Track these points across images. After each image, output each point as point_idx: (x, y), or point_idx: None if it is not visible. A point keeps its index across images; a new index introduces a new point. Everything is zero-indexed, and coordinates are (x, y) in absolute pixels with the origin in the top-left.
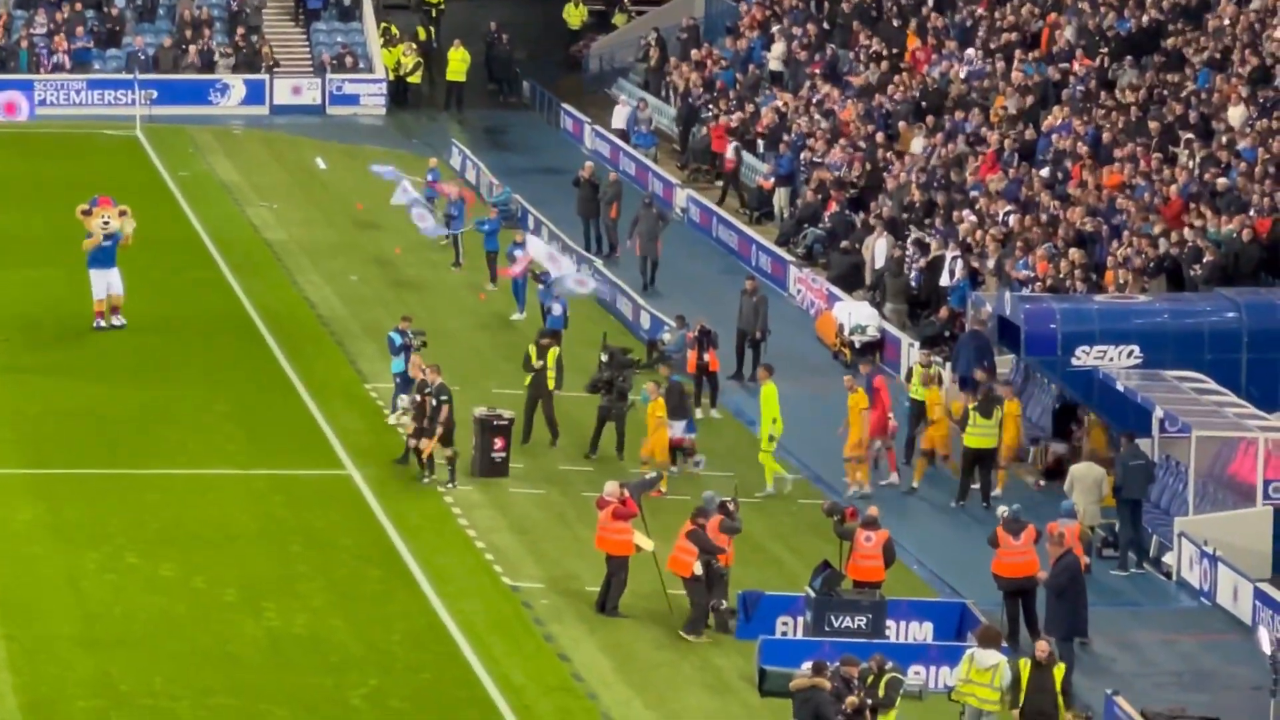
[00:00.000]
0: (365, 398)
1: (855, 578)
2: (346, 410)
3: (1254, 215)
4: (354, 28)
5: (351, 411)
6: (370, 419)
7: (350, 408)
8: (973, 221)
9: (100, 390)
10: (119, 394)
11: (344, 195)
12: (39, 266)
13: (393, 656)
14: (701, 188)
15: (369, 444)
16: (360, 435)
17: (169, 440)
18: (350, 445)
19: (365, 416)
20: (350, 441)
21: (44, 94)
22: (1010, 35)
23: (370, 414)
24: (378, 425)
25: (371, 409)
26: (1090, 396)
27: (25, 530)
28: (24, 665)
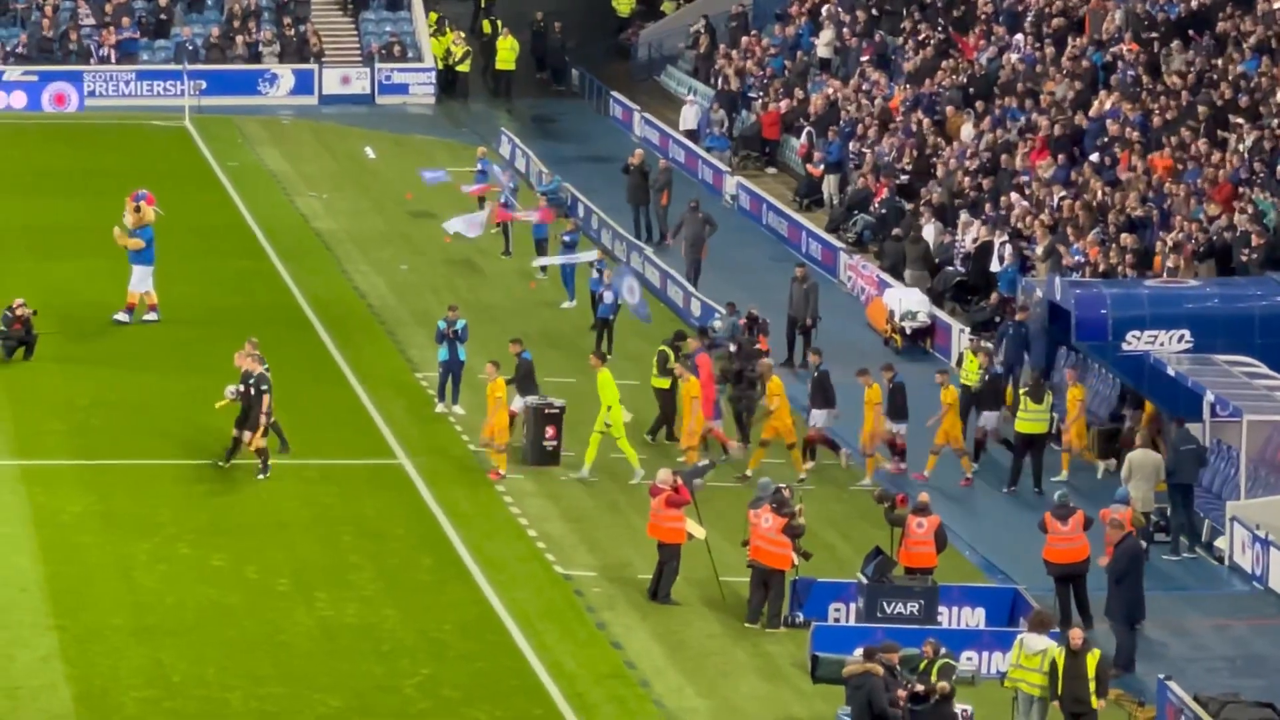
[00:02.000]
0: (415, 386)
1: (907, 564)
2: (396, 399)
3: None
4: (403, 17)
5: (402, 400)
6: (421, 408)
7: (400, 396)
8: (1023, 207)
9: (149, 380)
10: (168, 384)
11: (393, 185)
12: (87, 257)
13: (445, 645)
14: (751, 174)
15: (419, 433)
16: (410, 424)
17: (219, 430)
18: (401, 434)
19: (415, 405)
20: (401, 430)
21: (93, 85)
22: (1059, 20)
23: (421, 403)
24: (428, 414)
25: (422, 398)
26: (1141, 381)
27: (76, 521)
28: (76, 656)
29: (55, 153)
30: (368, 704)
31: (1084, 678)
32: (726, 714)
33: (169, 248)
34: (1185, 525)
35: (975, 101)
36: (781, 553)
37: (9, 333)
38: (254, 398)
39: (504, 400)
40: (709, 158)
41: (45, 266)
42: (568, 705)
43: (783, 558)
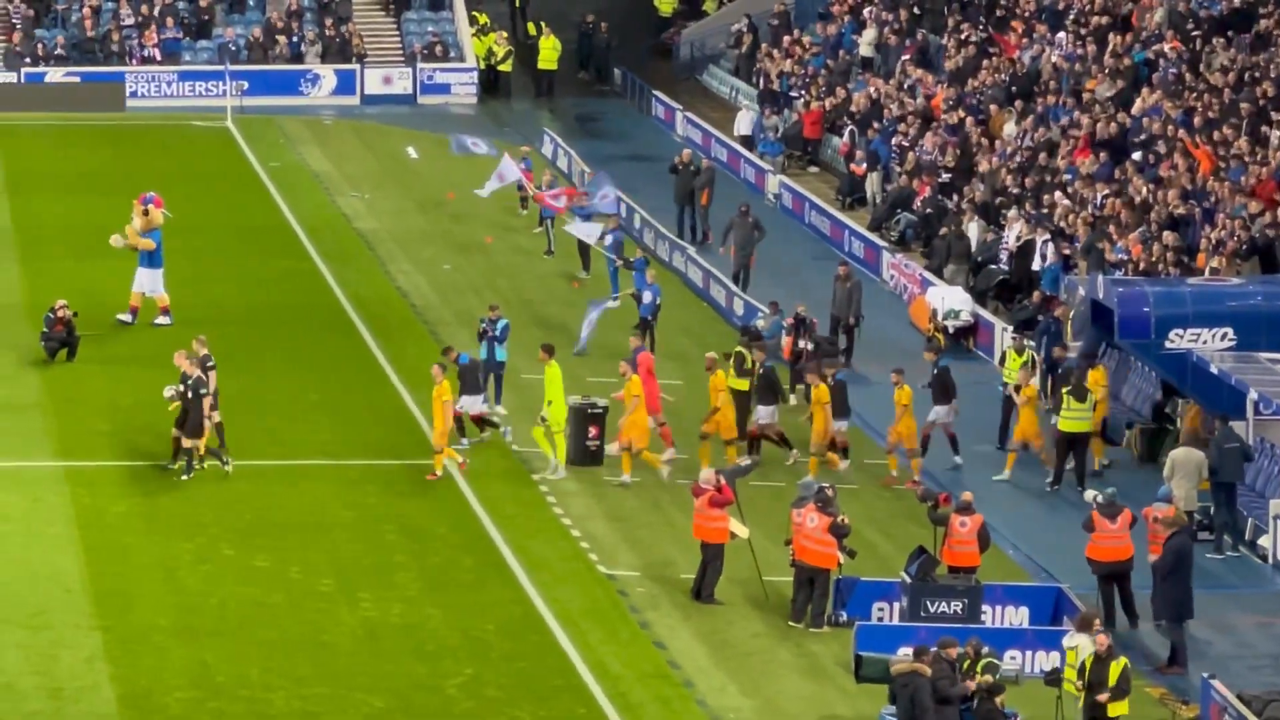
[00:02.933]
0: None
1: (950, 563)
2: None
3: None
4: (444, 17)
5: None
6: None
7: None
8: (1065, 205)
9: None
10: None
11: (436, 184)
12: (129, 258)
13: (488, 645)
14: (793, 174)
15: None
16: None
17: (261, 430)
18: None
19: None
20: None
21: (135, 86)
22: (1101, 19)
23: None
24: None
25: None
26: (1184, 380)
27: (120, 521)
28: (121, 656)
29: (97, 153)
30: (411, 704)
31: (1104, 683)
32: (770, 714)
33: (211, 248)
34: (1229, 523)
35: (1017, 100)
36: (826, 552)
37: (51, 334)
38: (192, 400)
39: (450, 401)
40: (751, 156)
41: (87, 267)
42: (611, 705)
43: (828, 557)
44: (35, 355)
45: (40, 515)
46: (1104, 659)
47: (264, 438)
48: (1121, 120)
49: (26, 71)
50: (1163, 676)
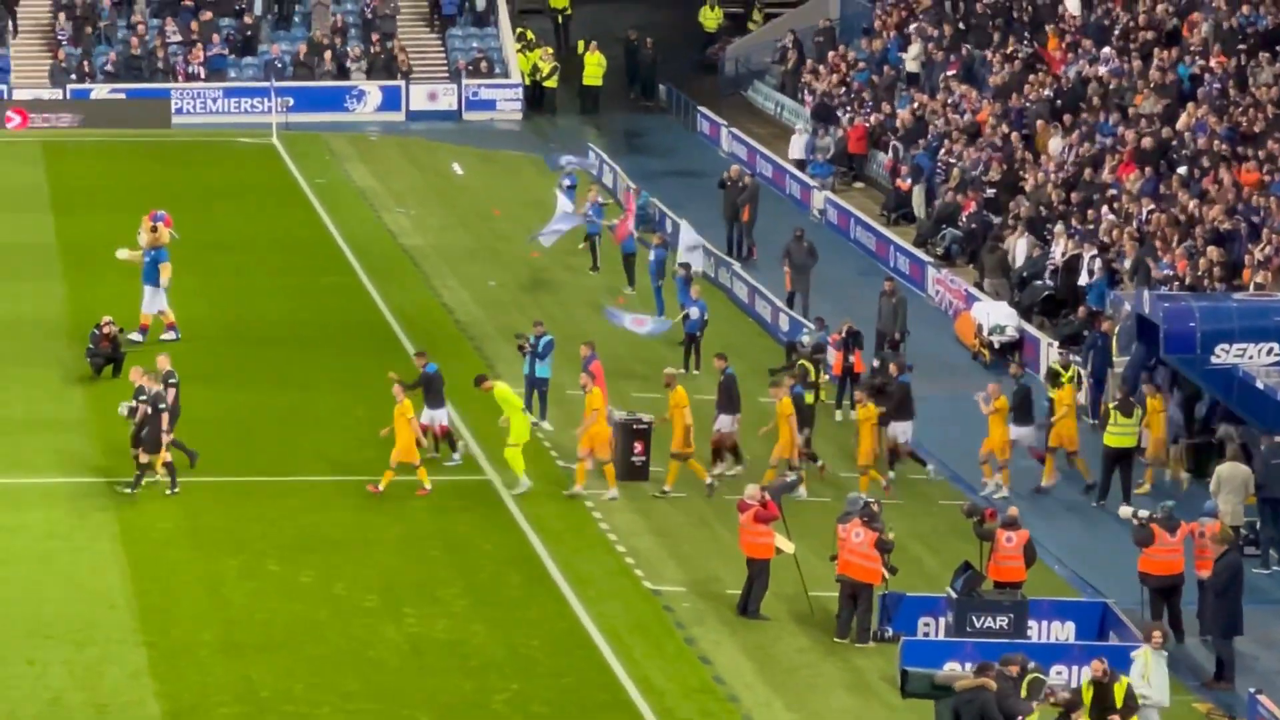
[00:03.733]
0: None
1: (996, 578)
2: (485, 414)
3: None
4: (489, 33)
5: (489, 416)
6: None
7: (487, 412)
8: (1111, 220)
9: (237, 397)
10: (256, 400)
11: (481, 200)
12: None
13: (534, 661)
14: (839, 189)
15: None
16: (498, 439)
17: (307, 446)
18: (489, 449)
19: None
20: (489, 445)
21: (180, 102)
22: (1146, 34)
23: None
24: None
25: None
26: (1230, 395)
27: (166, 537)
28: (166, 672)
29: (143, 169)
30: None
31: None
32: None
33: (256, 264)
34: (1275, 539)
35: (1063, 115)
36: (871, 567)
37: (97, 350)
38: (151, 416)
39: (413, 418)
40: (797, 172)
41: (132, 284)
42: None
43: (872, 572)
44: (81, 371)
45: (86, 531)
46: (1105, 684)
47: (309, 453)
48: (1166, 135)
49: (72, 88)
50: (1210, 691)
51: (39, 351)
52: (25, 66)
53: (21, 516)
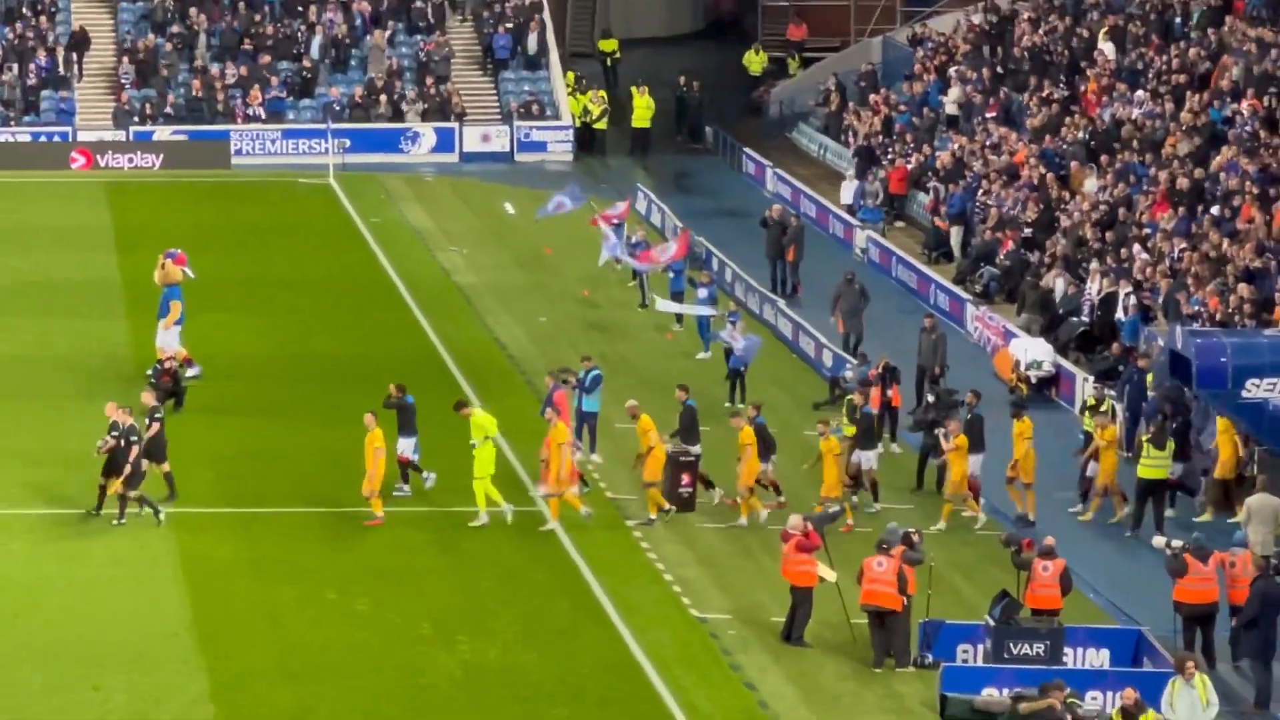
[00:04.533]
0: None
1: (1033, 606)
2: (534, 445)
3: None
4: (540, 76)
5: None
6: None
7: (538, 443)
8: (1144, 259)
9: (295, 430)
10: (312, 433)
11: (533, 239)
12: (233, 311)
13: (583, 688)
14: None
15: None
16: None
17: (363, 478)
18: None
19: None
20: (539, 477)
21: (240, 144)
22: (1179, 77)
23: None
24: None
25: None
26: (1261, 428)
27: (225, 567)
28: (225, 697)
29: (203, 209)
30: None
31: None
32: None
33: (313, 302)
34: None
35: (1098, 156)
36: (893, 593)
37: (158, 384)
38: (122, 449)
39: (384, 448)
40: (840, 212)
41: (193, 321)
42: None
43: (895, 599)
44: (143, 406)
45: (147, 560)
46: (1133, 713)
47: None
48: (1198, 176)
49: (135, 130)
50: (1249, 717)
51: (103, 386)
52: (90, 109)
53: (86, 546)
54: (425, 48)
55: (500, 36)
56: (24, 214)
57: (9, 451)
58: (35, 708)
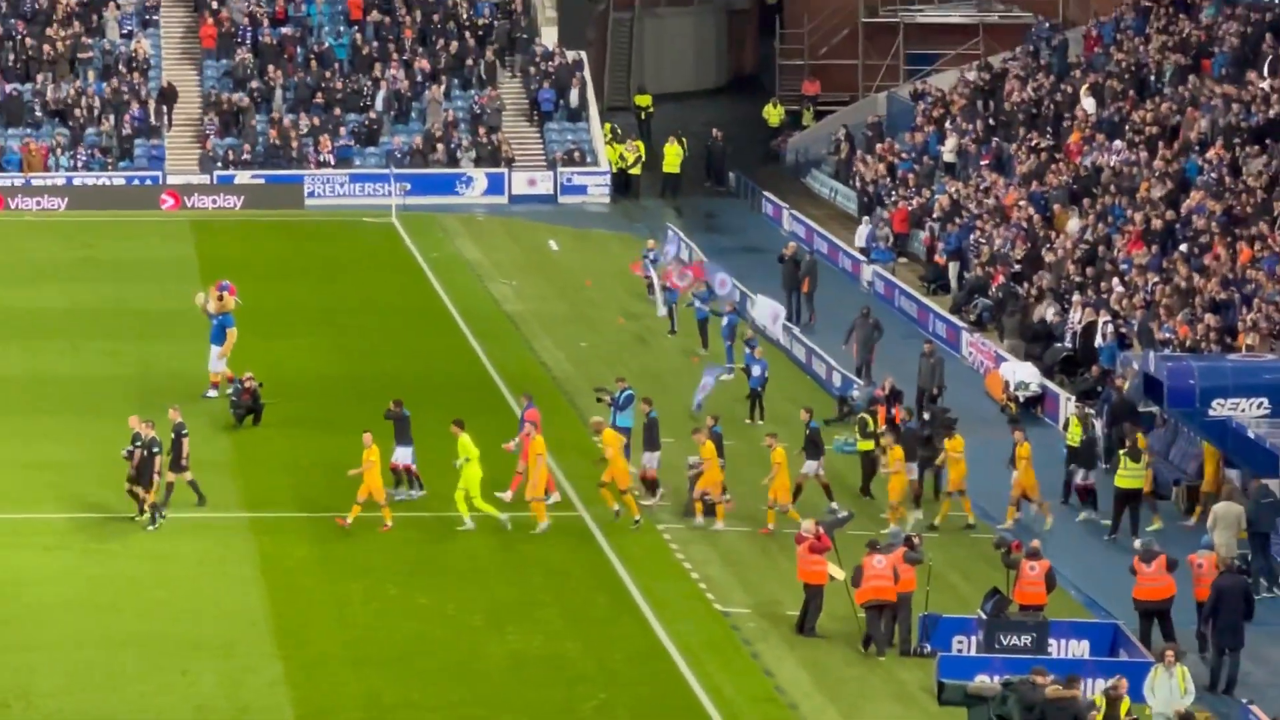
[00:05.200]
0: (593, 448)
1: (1021, 602)
2: (577, 459)
3: None
4: (581, 127)
5: (582, 460)
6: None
7: (581, 457)
8: (1121, 291)
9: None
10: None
11: (574, 273)
12: (308, 335)
13: (618, 673)
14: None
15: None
16: (588, 480)
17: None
18: (580, 489)
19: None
20: (580, 486)
21: (312, 186)
22: (1153, 129)
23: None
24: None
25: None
26: (1225, 443)
27: (299, 565)
28: (301, 682)
29: (279, 245)
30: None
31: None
32: None
33: (378, 327)
34: (1264, 569)
35: (1080, 199)
36: (890, 586)
37: (239, 402)
38: (146, 459)
39: (377, 463)
40: (850, 250)
41: (271, 344)
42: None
43: (892, 590)
44: (225, 420)
45: (230, 559)
46: (1114, 700)
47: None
48: (1170, 218)
49: (218, 174)
50: (1210, 698)
51: (190, 403)
52: (178, 155)
53: (175, 546)
54: (478, 101)
55: (545, 91)
56: (119, 249)
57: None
58: (131, 689)
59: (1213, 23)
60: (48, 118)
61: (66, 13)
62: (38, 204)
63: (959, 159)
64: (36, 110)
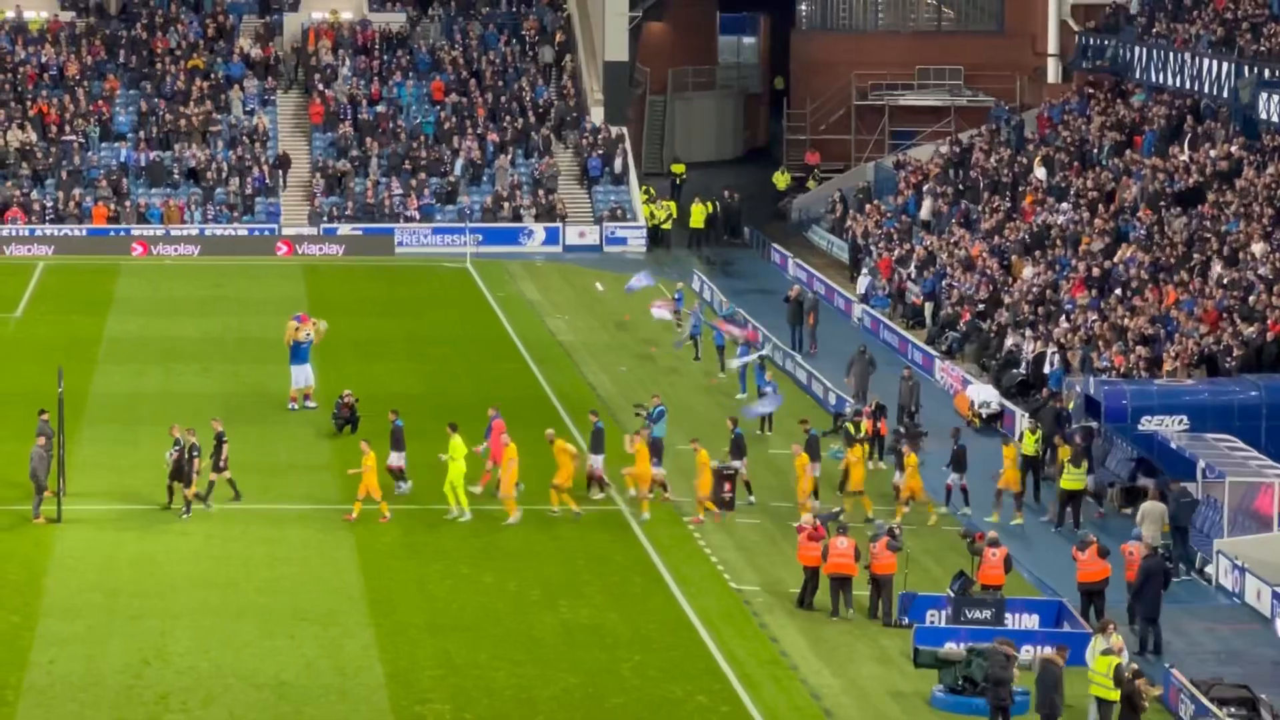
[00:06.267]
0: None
1: (983, 582)
2: (619, 463)
3: (1270, 322)
4: (622, 190)
5: (621, 463)
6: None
7: (620, 461)
8: (1066, 327)
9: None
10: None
11: (615, 309)
12: (395, 361)
13: (651, 639)
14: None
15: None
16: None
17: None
18: (620, 487)
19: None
20: (620, 484)
21: (401, 237)
22: (1093, 193)
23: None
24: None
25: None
26: (1152, 452)
27: (387, 549)
28: (387, 645)
29: (374, 285)
30: (596, 681)
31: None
32: (853, 690)
33: (454, 355)
34: (1183, 556)
35: (1033, 251)
36: (851, 563)
37: (339, 415)
38: (186, 460)
39: (373, 467)
40: (843, 291)
41: (366, 367)
42: (739, 683)
43: (853, 567)
44: (327, 430)
45: (330, 544)
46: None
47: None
48: (1107, 266)
49: (324, 226)
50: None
51: (298, 415)
52: (291, 211)
53: (284, 532)
54: (538, 168)
55: (593, 160)
56: (242, 288)
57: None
58: (248, 651)
59: (1143, 106)
60: (184, 179)
61: (200, 93)
62: (175, 251)
63: (933, 217)
64: (175, 173)
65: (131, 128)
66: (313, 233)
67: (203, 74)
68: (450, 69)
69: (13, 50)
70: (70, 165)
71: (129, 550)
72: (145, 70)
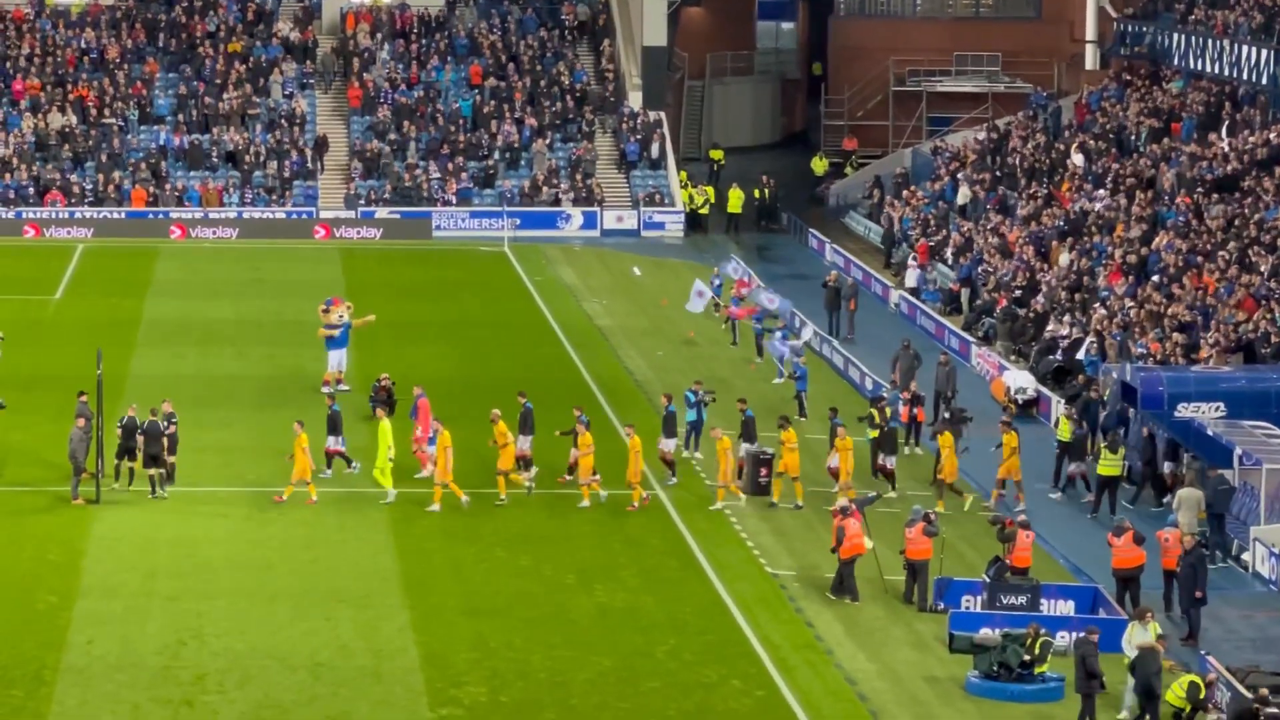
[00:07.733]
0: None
1: (1016, 565)
2: (652, 446)
3: None
4: (660, 174)
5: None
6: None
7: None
8: (1103, 314)
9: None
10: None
11: (653, 294)
12: (434, 344)
13: (686, 623)
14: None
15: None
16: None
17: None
18: (657, 472)
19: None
20: (657, 469)
21: (439, 221)
22: (1131, 179)
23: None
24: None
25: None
26: (1188, 439)
27: (422, 531)
28: (423, 627)
29: (411, 269)
30: (631, 664)
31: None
32: (888, 674)
33: (492, 338)
34: (1220, 543)
35: (1070, 237)
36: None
37: (376, 397)
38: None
39: (307, 449)
40: (882, 277)
41: (403, 350)
42: (774, 667)
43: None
44: (364, 412)
45: (366, 526)
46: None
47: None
48: (1144, 253)
49: (362, 210)
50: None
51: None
52: (329, 194)
53: (322, 516)
54: (576, 152)
55: (631, 145)
56: (280, 271)
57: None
58: (285, 631)
59: (1181, 93)
60: (222, 162)
61: (239, 77)
62: (213, 234)
63: (970, 204)
64: (213, 156)
65: (170, 111)
66: (350, 216)
67: (241, 58)
68: (488, 53)
69: (54, 33)
70: (110, 148)
71: (167, 532)
72: (185, 54)
